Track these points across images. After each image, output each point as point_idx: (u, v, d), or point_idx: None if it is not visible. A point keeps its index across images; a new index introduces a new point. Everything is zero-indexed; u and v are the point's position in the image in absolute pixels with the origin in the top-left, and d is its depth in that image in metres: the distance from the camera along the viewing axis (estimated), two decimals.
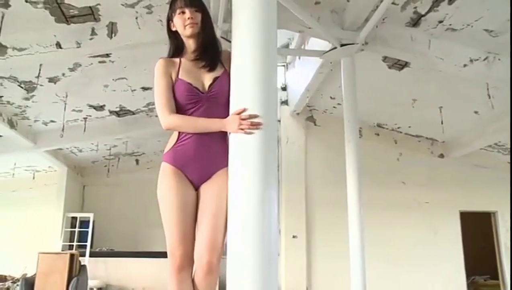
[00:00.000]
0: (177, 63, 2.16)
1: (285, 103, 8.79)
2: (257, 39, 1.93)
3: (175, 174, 2.03)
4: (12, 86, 6.23)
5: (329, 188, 7.98)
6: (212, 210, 1.94)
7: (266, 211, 1.75)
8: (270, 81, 1.90)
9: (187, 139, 2.04)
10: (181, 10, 2.12)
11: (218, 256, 1.92)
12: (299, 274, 7.98)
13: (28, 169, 10.22)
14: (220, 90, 2.06)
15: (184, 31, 2.13)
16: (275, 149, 1.87)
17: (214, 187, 1.99)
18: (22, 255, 9.84)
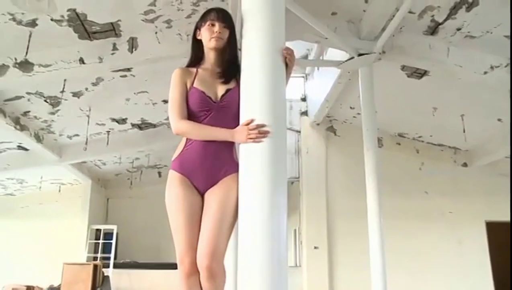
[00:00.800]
0: (193, 73, 2.22)
1: (304, 114, 8.81)
2: (264, 51, 2.00)
3: (182, 181, 2.07)
4: (39, 101, 6.43)
5: (350, 198, 7.92)
6: (215, 215, 1.96)
7: (275, 220, 1.79)
8: (278, 91, 1.95)
9: (193, 147, 2.09)
10: (212, 22, 2.18)
11: (218, 261, 1.94)
12: (321, 285, 7.91)
13: (54, 182, 10.45)
14: (231, 101, 2.11)
15: (209, 43, 2.19)
16: (284, 157, 1.91)
17: (218, 193, 2.02)
18: (49, 266, 10.03)
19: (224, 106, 2.10)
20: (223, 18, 2.19)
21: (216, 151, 2.06)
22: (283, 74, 2.07)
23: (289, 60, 2.09)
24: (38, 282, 10.32)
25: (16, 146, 7.80)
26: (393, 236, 7.80)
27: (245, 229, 1.85)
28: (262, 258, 1.78)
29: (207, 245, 1.90)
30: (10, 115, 6.49)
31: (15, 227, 10.84)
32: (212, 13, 2.22)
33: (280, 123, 1.96)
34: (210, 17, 2.21)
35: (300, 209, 8.59)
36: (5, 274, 10.32)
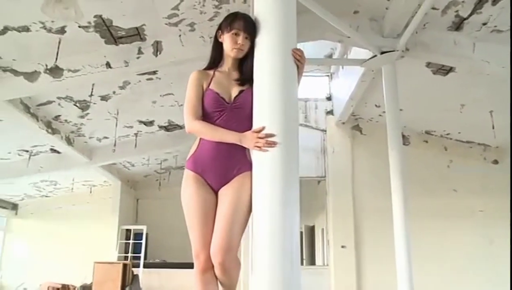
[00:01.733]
0: (210, 75, 2.28)
1: (330, 113, 8.78)
2: (276, 53, 2.04)
3: (196, 180, 2.13)
4: (69, 105, 6.65)
5: (377, 196, 7.83)
6: (227, 212, 2.01)
7: (287, 221, 1.84)
8: (289, 92, 2.00)
9: (206, 146, 2.15)
10: (236, 32, 2.20)
11: (231, 256, 1.98)
12: (348, 284, 7.87)
13: (85, 183, 10.75)
14: (244, 102, 2.16)
15: (230, 51, 2.24)
16: (296, 157, 1.94)
17: (231, 191, 2.06)
18: (81, 266, 10.32)
19: (237, 107, 2.15)
20: (249, 29, 2.20)
21: (229, 150, 2.10)
22: (295, 75, 2.10)
23: (299, 61, 2.12)
24: (72, 281, 10.65)
25: (49, 148, 8.06)
26: (420, 235, 7.70)
27: (258, 229, 1.90)
28: (275, 257, 1.83)
29: (220, 241, 1.95)
30: (42, 119, 6.73)
31: (50, 228, 11.21)
32: (238, 21, 2.22)
33: (292, 124, 1.99)
34: (235, 25, 2.21)
35: (327, 208, 8.58)
36: (41, 272, 10.68)
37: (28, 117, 6.31)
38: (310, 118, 8.79)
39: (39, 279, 10.67)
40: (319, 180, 8.95)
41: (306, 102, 8.87)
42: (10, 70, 5.24)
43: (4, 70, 5.23)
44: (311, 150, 8.63)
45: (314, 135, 8.73)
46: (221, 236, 1.97)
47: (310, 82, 9.16)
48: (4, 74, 5.24)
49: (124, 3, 4.59)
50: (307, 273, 8.58)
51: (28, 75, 5.27)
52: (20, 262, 11.03)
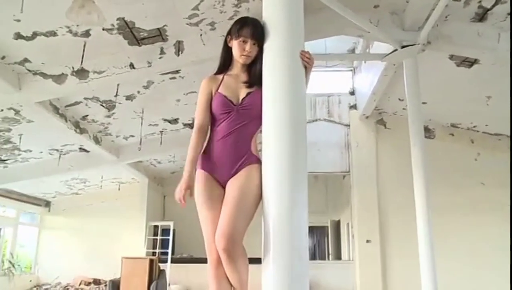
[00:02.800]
0: (219, 79, 2.36)
1: (353, 108, 8.75)
2: (284, 54, 2.11)
3: (205, 178, 2.22)
4: (95, 105, 6.83)
5: (402, 190, 7.76)
6: (231, 201, 2.08)
7: (295, 216, 1.90)
8: (297, 93, 2.06)
9: (213, 145, 2.26)
10: (244, 39, 2.27)
11: (235, 243, 2.03)
12: (374, 278, 7.86)
13: (114, 181, 11.01)
14: (251, 103, 2.23)
15: (238, 58, 2.32)
16: (304, 164, 2.00)
17: (235, 182, 2.14)
18: (111, 261, 10.60)
19: (244, 108, 2.23)
20: (256, 36, 2.26)
21: (234, 146, 2.19)
22: (302, 77, 2.16)
23: (308, 62, 2.17)
24: (103, 275, 10.96)
25: (78, 148, 8.31)
26: (447, 229, 7.63)
27: (267, 224, 1.98)
28: (283, 252, 1.91)
29: (224, 228, 2.02)
30: (71, 120, 6.94)
31: (81, 224, 11.54)
32: (246, 29, 2.28)
33: (299, 123, 2.05)
34: (243, 32, 2.28)
35: (352, 203, 8.57)
36: (74, 267, 11.03)
37: (57, 118, 6.53)
38: (333, 113, 8.79)
39: (72, 273, 11.03)
40: (344, 174, 8.94)
41: (329, 97, 8.86)
42: (40, 73, 5.44)
43: (34, 73, 5.43)
44: (335, 145, 8.63)
45: (338, 130, 8.72)
46: (224, 223, 2.03)
47: (333, 77, 9.15)
48: (34, 77, 5.44)
49: (145, 5, 4.69)
50: (333, 268, 8.63)
51: (56, 78, 5.45)
52: (54, 257, 11.40)
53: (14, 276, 10.42)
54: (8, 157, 8.13)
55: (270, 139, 2.07)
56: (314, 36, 5.53)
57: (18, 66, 5.30)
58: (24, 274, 11.09)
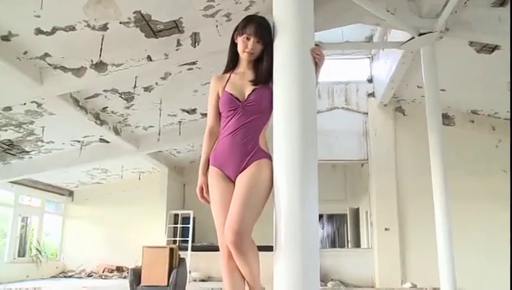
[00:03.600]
0: (226, 78, 2.42)
1: (371, 96, 8.70)
2: (294, 51, 2.13)
3: (216, 174, 2.28)
4: (114, 97, 6.94)
5: (421, 178, 7.69)
6: (240, 195, 2.12)
7: (306, 209, 1.96)
8: (307, 90, 2.09)
9: (223, 142, 2.30)
10: (247, 36, 2.32)
11: (243, 236, 2.07)
12: (393, 266, 7.87)
13: (134, 170, 11.20)
14: (256, 100, 2.27)
15: (242, 54, 2.36)
16: (315, 156, 2.04)
17: (244, 176, 2.19)
18: (133, 249, 10.83)
19: (248, 104, 2.27)
20: (260, 34, 2.30)
21: (242, 142, 2.22)
22: (312, 73, 2.19)
23: (318, 59, 2.20)
24: (125, 263, 11.21)
25: (98, 138, 8.46)
26: (467, 217, 7.58)
27: (279, 215, 2.04)
28: (295, 241, 1.97)
29: (232, 223, 2.07)
30: (91, 112, 7.07)
31: (103, 213, 11.79)
32: (250, 26, 2.33)
33: (309, 119, 2.09)
34: (247, 30, 2.32)
35: (370, 191, 8.56)
36: (97, 255, 11.31)
37: (78, 110, 6.66)
38: (351, 101, 8.75)
39: (95, 261, 11.32)
40: (362, 163, 8.93)
41: (347, 85, 8.82)
42: (60, 67, 5.54)
43: (54, 67, 5.54)
44: (353, 133, 8.60)
45: (356, 118, 8.69)
46: (233, 218, 2.08)
47: (351, 65, 9.08)
48: (54, 71, 5.55)
49: None
50: (352, 255, 8.66)
51: (76, 71, 5.55)
52: (78, 245, 11.70)
53: (41, 263, 10.75)
54: (32, 148, 8.33)
55: (280, 133, 2.12)
56: (331, 25, 5.50)
57: (39, 61, 5.41)
58: (50, 261, 11.42)
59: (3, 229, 10.66)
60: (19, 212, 10.54)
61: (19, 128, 7.35)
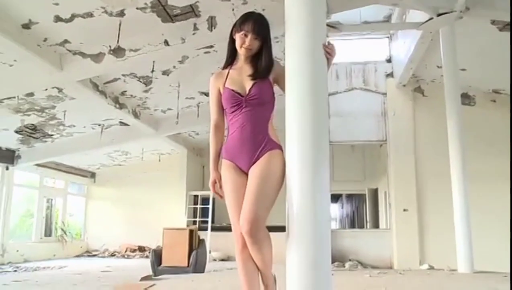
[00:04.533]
0: (225, 74, 2.43)
1: (390, 76, 8.58)
2: (306, 45, 2.15)
3: (228, 166, 2.33)
4: (133, 81, 7.03)
5: (440, 159, 7.62)
6: (253, 187, 2.17)
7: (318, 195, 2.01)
8: (319, 84, 2.12)
9: (233, 135, 2.33)
10: (245, 32, 2.34)
11: (258, 226, 2.12)
12: (411, 247, 7.87)
13: (154, 152, 11.36)
14: (258, 93, 2.31)
15: (239, 49, 2.38)
16: (326, 144, 2.09)
17: (256, 168, 2.23)
18: (154, 229, 11.06)
19: (251, 98, 2.30)
20: (257, 30, 2.33)
21: (252, 135, 2.26)
22: (324, 66, 2.21)
23: (330, 54, 2.22)
24: (146, 243, 11.48)
25: (118, 122, 8.60)
26: (486, 197, 7.52)
27: (291, 195, 2.14)
28: (306, 221, 2.07)
29: (247, 214, 2.12)
30: (110, 96, 7.18)
31: (124, 194, 12.05)
32: (248, 23, 2.35)
33: (321, 112, 2.13)
34: (244, 27, 2.34)
35: (388, 172, 8.52)
36: (119, 235, 11.60)
37: (98, 95, 6.78)
38: (369, 82, 8.64)
39: (117, 240, 11.62)
40: (380, 143, 8.87)
41: (365, 65, 8.71)
42: (79, 53, 5.64)
43: (74, 53, 5.64)
44: (371, 114, 8.53)
45: (374, 99, 8.59)
46: (247, 209, 2.14)
47: (369, 45, 8.96)
48: (73, 57, 5.66)
49: None
50: (371, 236, 8.68)
51: (95, 57, 5.64)
52: (100, 225, 12.01)
53: (66, 243, 11.09)
54: (54, 132, 8.53)
55: (292, 119, 2.20)
56: (348, 7, 5.44)
57: (59, 47, 5.51)
58: (75, 240, 11.77)
59: (29, 210, 11.01)
60: (44, 193, 10.85)
61: (42, 113, 7.52)
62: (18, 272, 7.44)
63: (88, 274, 6.93)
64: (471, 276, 5.76)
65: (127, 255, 11.10)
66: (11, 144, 8.93)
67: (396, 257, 7.87)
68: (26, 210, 11.15)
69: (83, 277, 6.50)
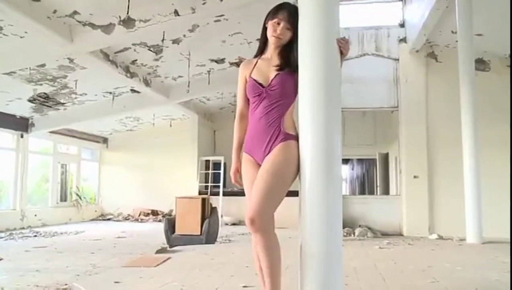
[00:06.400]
0: (253, 63, 2.44)
1: (403, 41, 8.40)
2: (319, 38, 2.14)
3: (246, 160, 2.38)
4: (143, 51, 7.00)
5: (452, 125, 7.55)
6: (261, 183, 2.17)
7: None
8: (332, 77, 2.13)
9: (249, 129, 2.38)
10: (278, 21, 2.32)
11: (262, 217, 2.13)
12: (421, 214, 7.94)
13: (165, 118, 11.42)
14: (278, 83, 2.29)
15: (270, 37, 2.36)
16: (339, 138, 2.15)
17: (267, 160, 2.24)
18: (167, 194, 11.28)
19: (271, 89, 2.29)
20: (291, 21, 2.30)
21: (265, 128, 2.28)
22: (338, 60, 2.20)
23: (344, 48, 2.20)
24: (159, 207, 11.73)
25: (129, 89, 8.62)
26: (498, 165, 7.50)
27: (304, 159, 2.19)
28: (318, 184, 2.13)
29: (253, 202, 2.15)
30: (121, 65, 7.17)
31: (136, 159, 12.23)
32: (282, 12, 2.33)
33: (334, 102, 2.16)
34: (278, 15, 2.33)
35: (399, 138, 8.50)
36: (132, 199, 11.84)
37: (108, 65, 6.78)
38: (381, 47, 8.49)
39: (131, 204, 11.87)
40: (392, 110, 8.81)
41: (378, 30, 8.53)
42: (89, 24, 5.60)
43: (83, 24, 5.60)
44: (383, 80, 8.42)
45: (386, 64, 8.46)
46: (252, 204, 2.15)
47: (382, 8, 8.76)
48: (83, 28, 5.62)
49: None
50: (380, 202, 8.75)
51: (105, 28, 5.61)
52: (114, 190, 12.25)
53: (81, 207, 11.36)
54: (67, 100, 8.59)
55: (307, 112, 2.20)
56: None
57: (68, 19, 5.47)
58: (89, 205, 12.05)
59: (45, 175, 11.23)
60: (58, 159, 11.04)
61: (54, 82, 7.56)
62: (38, 237, 7.69)
63: (104, 240, 7.16)
64: (479, 247, 5.84)
65: (140, 219, 11.36)
66: (25, 112, 9.03)
67: (405, 224, 7.96)
68: (41, 176, 11.38)
69: (99, 243, 6.72)
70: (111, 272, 4.10)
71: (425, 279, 3.60)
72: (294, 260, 2.33)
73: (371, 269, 4.11)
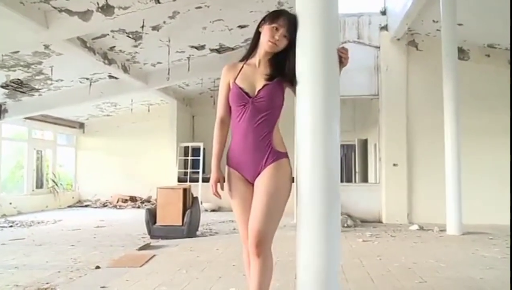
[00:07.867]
0: (238, 68, 2.31)
1: (384, 29, 8.38)
2: (319, 46, 2.12)
3: (232, 174, 2.27)
4: (122, 37, 6.80)
5: (433, 114, 7.66)
6: (261, 205, 2.12)
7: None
8: (331, 84, 2.09)
9: (235, 143, 2.26)
10: (276, 26, 2.21)
11: (267, 239, 2.11)
12: (400, 201, 8.05)
13: (143, 103, 11.21)
14: (266, 94, 2.20)
15: (265, 43, 2.23)
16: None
17: (262, 185, 2.16)
18: (145, 180, 11.17)
19: (257, 100, 2.19)
20: (291, 29, 2.21)
21: (255, 144, 2.19)
22: (336, 68, 2.17)
23: (345, 58, 2.15)
24: (138, 193, 11.61)
25: (107, 76, 8.41)
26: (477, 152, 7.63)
27: (301, 146, 2.20)
28: (315, 172, 2.14)
29: (257, 226, 2.09)
30: (99, 52, 6.96)
31: (113, 144, 12.03)
32: (283, 18, 2.23)
33: (333, 111, 2.15)
34: (279, 21, 2.22)
35: (379, 126, 8.55)
36: (110, 185, 11.67)
37: (86, 52, 6.57)
38: (363, 35, 8.46)
39: (109, 191, 11.71)
40: (371, 97, 8.83)
41: (359, 17, 8.48)
42: (65, 10, 5.38)
43: (59, 10, 5.38)
44: (364, 68, 8.41)
45: (367, 52, 8.44)
46: (255, 226, 2.10)
47: None
48: (60, 14, 5.41)
49: None
50: (360, 190, 8.80)
51: (82, 15, 5.41)
52: (91, 176, 12.05)
53: (58, 194, 11.15)
54: (42, 86, 8.32)
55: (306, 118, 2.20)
56: None
57: (43, 4, 5.25)
58: (66, 191, 11.84)
59: (19, 162, 10.96)
60: (33, 145, 10.76)
61: (28, 68, 7.31)
62: (14, 228, 7.51)
63: (83, 230, 7.03)
64: (459, 239, 5.94)
65: (119, 205, 11.22)
66: None
67: (384, 212, 8.07)
68: (16, 163, 11.10)
69: (78, 234, 6.60)
70: (96, 274, 4.01)
71: (413, 279, 3.65)
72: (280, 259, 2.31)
73: (358, 267, 4.13)
